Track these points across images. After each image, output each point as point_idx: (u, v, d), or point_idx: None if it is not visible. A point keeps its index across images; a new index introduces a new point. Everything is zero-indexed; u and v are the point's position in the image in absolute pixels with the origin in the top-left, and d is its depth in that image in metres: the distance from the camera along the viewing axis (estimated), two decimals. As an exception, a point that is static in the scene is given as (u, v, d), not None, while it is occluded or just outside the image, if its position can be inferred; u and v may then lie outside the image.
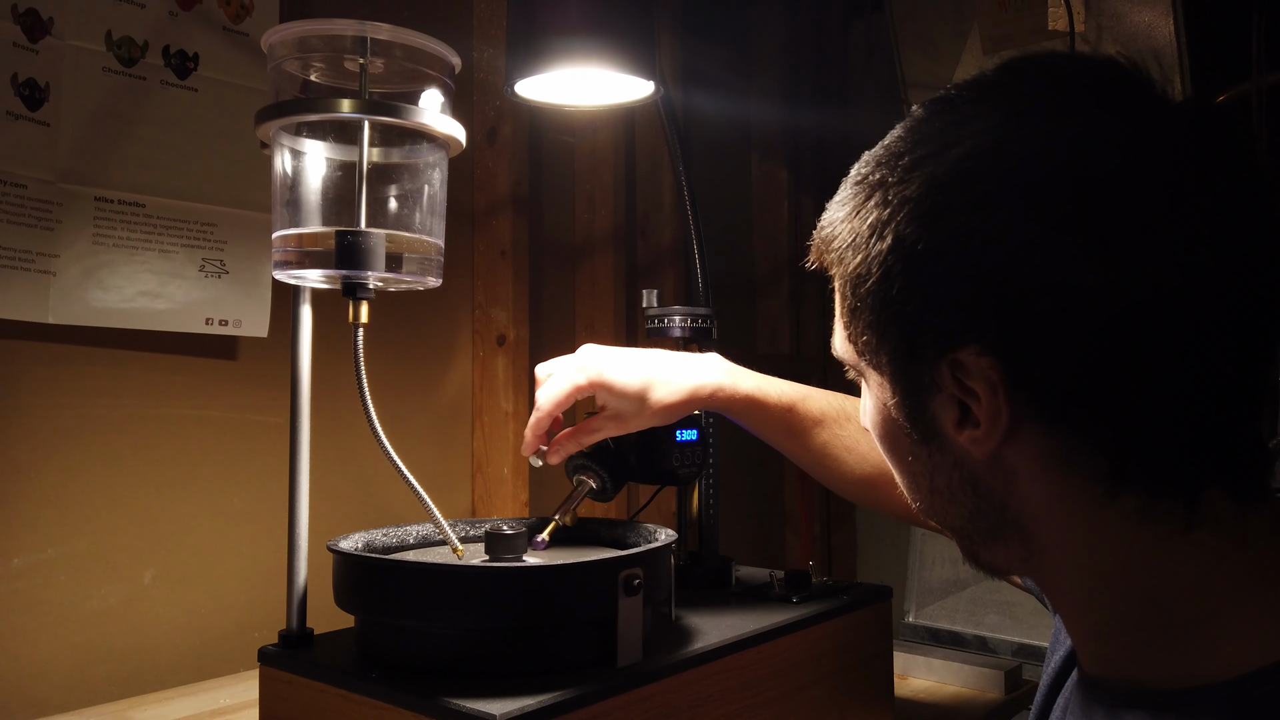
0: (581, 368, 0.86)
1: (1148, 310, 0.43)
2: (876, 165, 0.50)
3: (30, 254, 1.00)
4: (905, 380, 0.50)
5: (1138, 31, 1.45)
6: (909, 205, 0.47)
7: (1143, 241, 0.43)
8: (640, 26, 0.79)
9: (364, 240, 0.66)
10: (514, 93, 0.86)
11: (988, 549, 0.53)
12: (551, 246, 1.61)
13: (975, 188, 0.45)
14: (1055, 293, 0.43)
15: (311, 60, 0.70)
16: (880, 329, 0.50)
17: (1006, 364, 0.45)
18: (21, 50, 1.00)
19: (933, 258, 0.46)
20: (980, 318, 0.45)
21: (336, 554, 0.73)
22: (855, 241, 0.50)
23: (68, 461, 1.05)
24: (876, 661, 0.95)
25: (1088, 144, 0.44)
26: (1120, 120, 0.45)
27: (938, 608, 1.55)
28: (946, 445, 0.50)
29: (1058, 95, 0.46)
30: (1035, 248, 0.43)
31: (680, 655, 0.72)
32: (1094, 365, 0.44)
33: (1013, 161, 0.45)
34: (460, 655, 0.67)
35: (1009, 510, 0.49)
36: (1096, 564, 0.48)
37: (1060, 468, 0.46)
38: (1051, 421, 0.46)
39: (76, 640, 1.05)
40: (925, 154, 0.47)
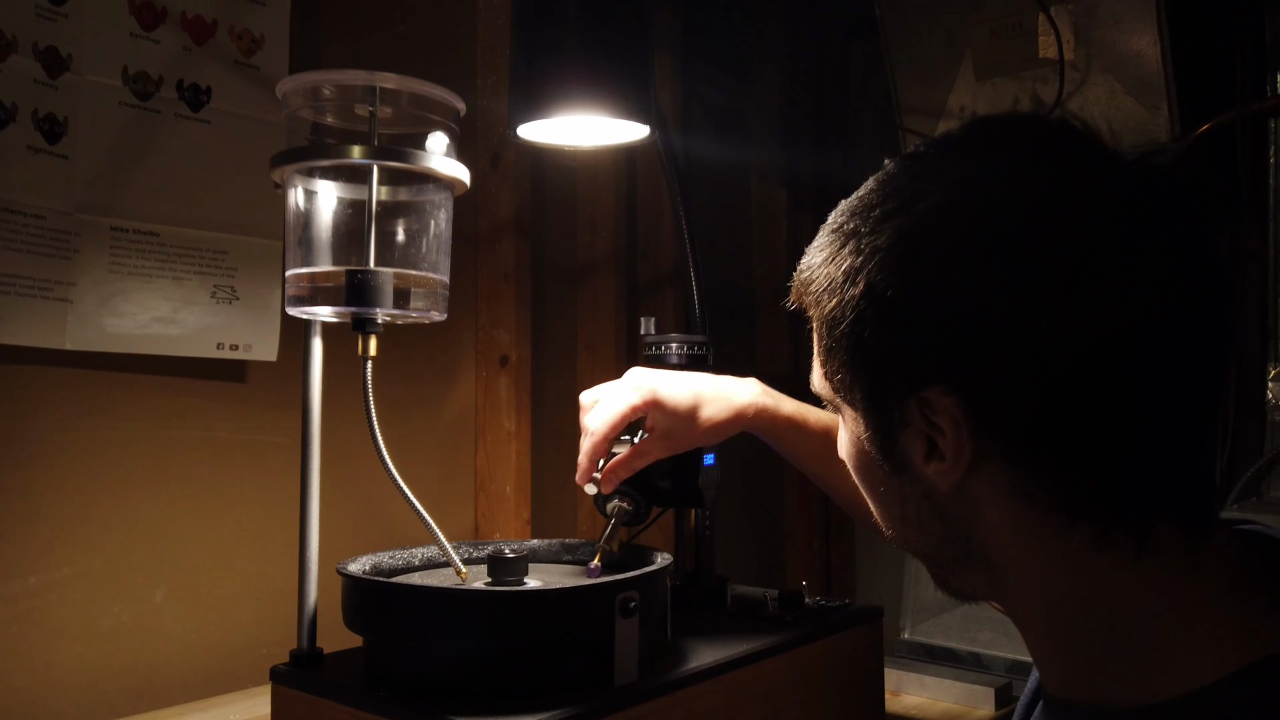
0: (636, 387, 0.88)
1: (1099, 356, 0.46)
2: (850, 215, 0.54)
3: (49, 282, 1.04)
4: (877, 416, 0.53)
5: (1126, 60, 1.48)
6: (879, 254, 0.50)
7: (1094, 293, 0.46)
8: (636, 73, 0.83)
9: (373, 278, 0.69)
10: (516, 135, 0.90)
11: (955, 575, 0.56)
12: (553, 269, 1.65)
13: (940, 240, 0.48)
14: (1013, 339, 0.47)
15: (323, 106, 0.73)
16: (853, 368, 0.53)
17: (969, 403, 0.48)
18: (42, 86, 1.03)
19: (901, 304, 0.49)
20: (945, 360, 0.48)
21: (345, 577, 0.76)
22: (830, 286, 0.53)
23: (82, 483, 1.08)
24: (868, 680, 0.98)
25: (1044, 202, 0.48)
26: (1073, 180, 0.48)
27: (933, 624, 1.57)
28: (915, 477, 0.53)
29: (1018, 156, 0.50)
30: (994, 298, 0.47)
31: (675, 675, 0.74)
32: (1050, 406, 0.47)
33: (975, 217, 0.48)
34: (464, 675, 0.70)
35: (973, 539, 0.52)
36: (1054, 591, 0.51)
37: (1020, 500, 0.49)
38: (1012, 457, 0.49)
39: (90, 656, 1.08)
40: (895, 206, 0.51)
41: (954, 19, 1.63)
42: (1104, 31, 1.49)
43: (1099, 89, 1.52)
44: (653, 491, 0.94)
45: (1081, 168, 0.49)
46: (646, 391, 0.88)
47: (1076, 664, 0.52)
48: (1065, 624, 0.51)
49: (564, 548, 0.93)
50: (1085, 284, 0.46)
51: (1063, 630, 0.52)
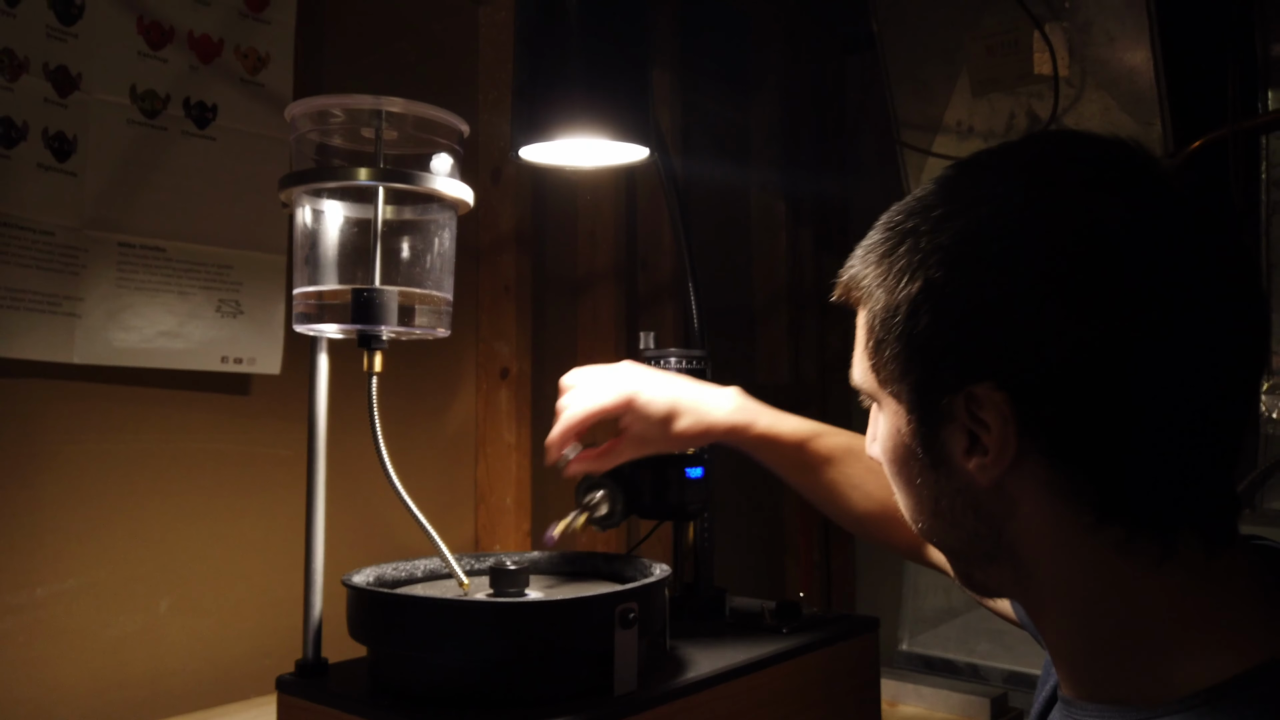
0: (617, 389, 0.91)
1: (1143, 368, 0.49)
2: (909, 215, 0.55)
3: (57, 297, 1.05)
4: (922, 409, 0.55)
5: (1119, 77, 1.50)
6: (940, 253, 0.52)
7: (1143, 309, 0.49)
8: (636, 96, 0.85)
9: (378, 296, 0.71)
10: (518, 156, 0.91)
11: (982, 570, 0.58)
12: (554, 281, 1.66)
13: (1000, 243, 0.51)
14: (1063, 344, 0.49)
15: (330, 129, 0.75)
16: (904, 361, 0.55)
17: (1017, 401, 0.50)
18: (52, 105, 1.05)
19: (957, 301, 0.51)
20: (996, 358, 0.51)
21: (350, 588, 0.77)
22: (886, 281, 0.55)
23: (89, 495, 1.10)
24: (864, 690, 0.99)
25: (1099, 217, 0.50)
26: (1125, 199, 0.51)
27: (931, 635, 1.59)
28: (953, 471, 0.54)
29: (1076, 170, 0.52)
30: (1047, 303, 0.49)
31: (673, 685, 0.76)
32: (1093, 410, 0.49)
33: (1034, 225, 0.51)
34: (467, 684, 0.71)
35: (1004, 536, 0.54)
36: (1078, 590, 0.53)
37: (1056, 498, 0.51)
38: (1052, 455, 0.51)
39: (96, 666, 1.09)
40: (956, 208, 0.53)
41: (950, 36, 1.65)
42: (1098, 48, 1.51)
43: (1093, 105, 1.54)
44: (633, 500, 0.96)
45: (1135, 190, 0.51)
46: (625, 395, 0.90)
47: (1095, 664, 0.54)
48: (1087, 623, 0.53)
49: (564, 559, 0.94)
50: (1133, 301, 0.49)
51: (1084, 630, 0.54)
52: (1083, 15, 1.50)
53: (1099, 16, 1.49)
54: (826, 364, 2.21)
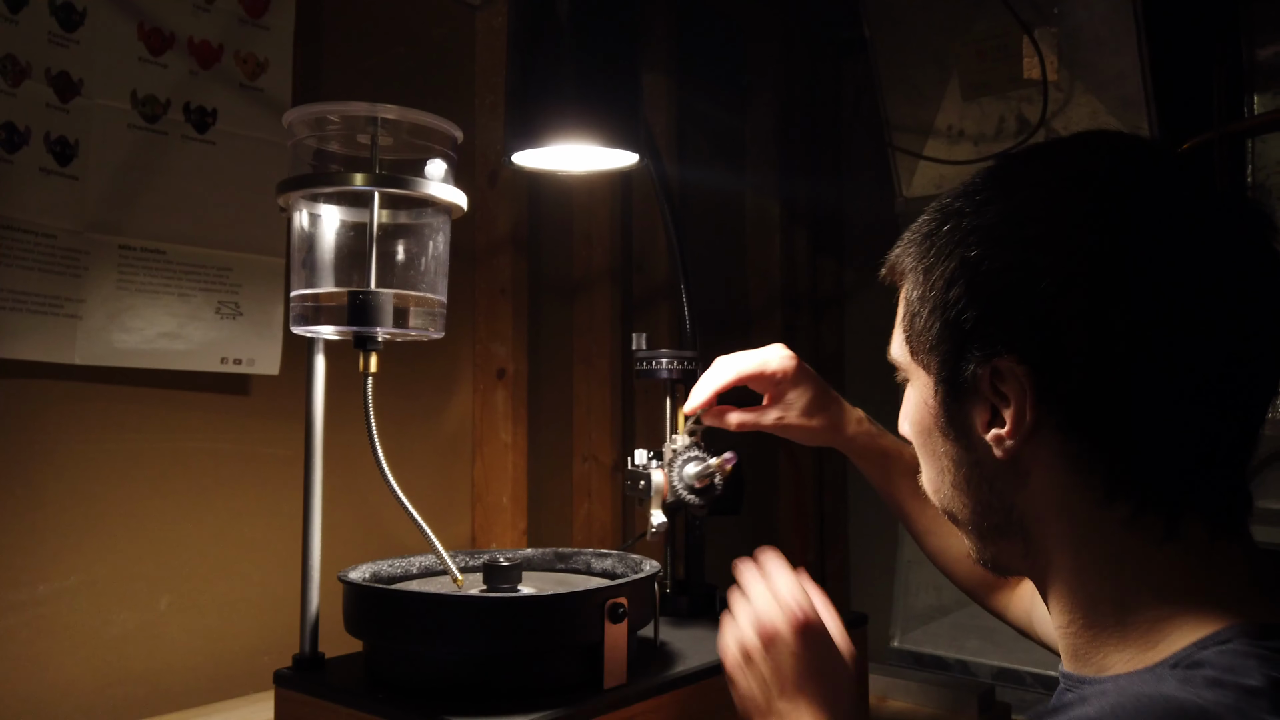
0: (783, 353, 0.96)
1: (1158, 355, 0.52)
2: (955, 198, 0.59)
3: (59, 299, 1.07)
4: (949, 380, 0.58)
5: (1108, 81, 1.52)
6: (978, 233, 0.56)
7: (1163, 299, 0.52)
8: (627, 104, 0.87)
9: (374, 299, 0.73)
10: (511, 162, 0.93)
11: (994, 544, 0.61)
12: (550, 282, 1.68)
13: (1035, 226, 0.54)
14: (1086, 324, 0.52)
15: (327, 135, 0.77)
16: (936, 333, 0.58)
17: (1038, 374, 0.54)
18: (54, 110, 1.07)
19: (990, 278, 0.55)
20: (1022, 333, 0.54)
21: (346, 584, 0.79)
22: (926, 258, 0.59)
23: (90, 493, 1.11)
24: (852, 684, 1.01)
25: (1129, 211, 0.53)
26: (1157, 196, 0.54)
27: (921, 632, 1.60)
28: (973, 444, 0.58)
29: (1116, 166, 0.56)
30: (1075, 286, 0.52)
31: (662, 678, 0.78)
32: (1110, 389, 0.53)
33: (1070, 212, 0.54)
34: (460, 678, 0.73)
35: (1015, 510, 0.58)
36: (1083, 562, 0.56)
37: (1068, 472, 0.55)
38: (1067, 430, 0.54)
39: (97, 663, 1.11)
40: (999, 193, 0.57)
41: (941, 40, 1.67)
42: (1086, 53, 1.53)
43: (1082, 109, 1.56)
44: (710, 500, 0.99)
45: (1173, 192, 0.54)
46: (794, 358, 0.95)
47: (1094, 635, 0.56)
48: (1088, 595, 0.56)
49: (557, 556, 0.96)
50: (1157, 293, 0.52)
51: (1085, 601, 0.56)
52: (1071, 20, 1.52)
53: (1087, 22, 1.51)
54: (821, 365, 2.23)
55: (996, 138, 1.64)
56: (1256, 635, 0.49)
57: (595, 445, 1.69)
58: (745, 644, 0.72)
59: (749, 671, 0.71)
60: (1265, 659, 0.48)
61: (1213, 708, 0.45)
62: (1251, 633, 0.50)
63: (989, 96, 1.64)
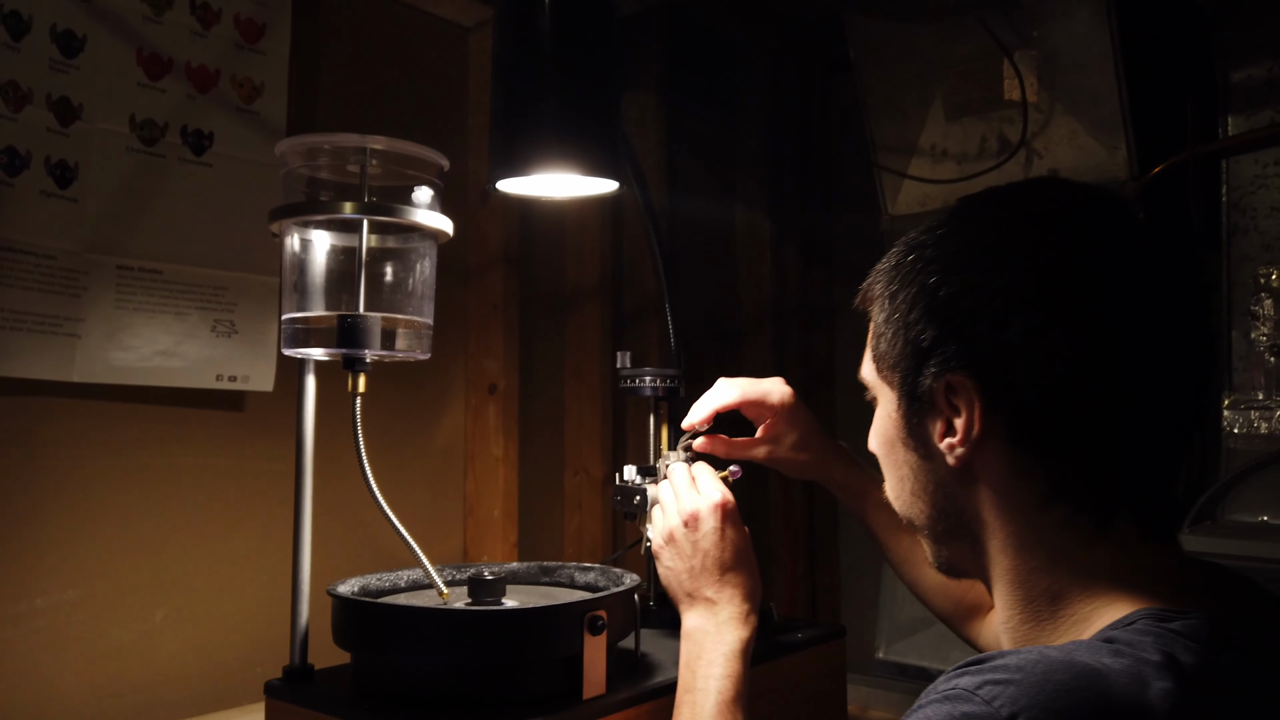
0: (783, 387, 1.00)
1: (1097, 373, 0.57)
2: (920, 233, 0.66)
3: (58, 318, 1.10)
4: (909, 394, 0.64)
5: (1086, 103, 1.55)
6: (938, 261, 0.62)
7: (1101, 326, 0.57)
8: (606, 133, 0.90)
9: (362, 322, 0.75)
10: (496, 189, 0.96)
11: (948, 546, 0.67)
12: (541, 299, 1.71)
13: (987, 256, 0.61)
14: (1030, 344, 0.58)
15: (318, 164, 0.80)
16: (900, 351, 0.64)
17: (985, 389, 0.59)
18: (54, 134, 1.10)
19: (947, 302, 0.61)
20: (972, 351, 0.60)
21: (335, 598, 0.81)
22: (891, 285, 0.65)
23: (88, 508, 1.14)
24: (830, 696, 1.03)
25: (1071, 247, 0.60)
26: (1098, 236, 0.60)
27: (907, 644, 1.62)
28: (930, 452, 0.64)
29: (1063, 209, 0.62)
30: (1018, 310, 0.58)
31: (641, 689, 0.80)
32: (1050, 402, 0.58)
33: (1017, 245, 0.60)
34: (444, 688, 0.76)
35: (965, 513, 0.64)
36: (1022, 562, 0.61)
37: (1012, 476, 0.60)
38: (1013, 439, 0.60)
39: (93, 674, 1.13)
40: (958, 228, 0.63)
41: (925, 62, 1.70)
42: (1064, 75, 1.56)
43: (1062, 130, 1.59)
44: None
45: (1106, 228, 0.61)
46: (790, 395, 0.99)
47: (1030, 627, 0.61)
48: (1027, 591, 0.61)
49: (541, 569, 0.99)
50: (1094, 319, 0.58)
51: (1025, 596, 0.61)
52: (1050, 43, 1.55)
53: (1065, 44, 1.54)
54: (811, 379, 2.25)
55: (979, 157, 1.68)
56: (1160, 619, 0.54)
57: (586, 459, 1.71)
58: (670, 526, 0.85)
59: (673, 550, 0.85)
60: (1161, 636, 0.52)
61: (1107, 671, 0.50)
62: (1156, 616, 0.55)
63: (971, 117, 1.67)
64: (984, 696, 0.49)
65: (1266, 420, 1.51)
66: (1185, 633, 0.53)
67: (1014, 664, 0.50)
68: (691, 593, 0.84)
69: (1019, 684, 0.49)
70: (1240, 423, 1.53)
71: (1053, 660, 0.50)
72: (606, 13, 0.93)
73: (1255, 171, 1.56)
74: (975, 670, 0.51)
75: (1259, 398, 1.53)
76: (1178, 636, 0.52)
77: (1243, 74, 1.58)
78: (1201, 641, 0.52)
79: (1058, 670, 0.50)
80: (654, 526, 0.89)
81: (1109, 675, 0.50)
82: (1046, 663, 0.50)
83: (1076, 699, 0.48)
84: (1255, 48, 1.57)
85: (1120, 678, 0.49)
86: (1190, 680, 0.50)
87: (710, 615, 0.82)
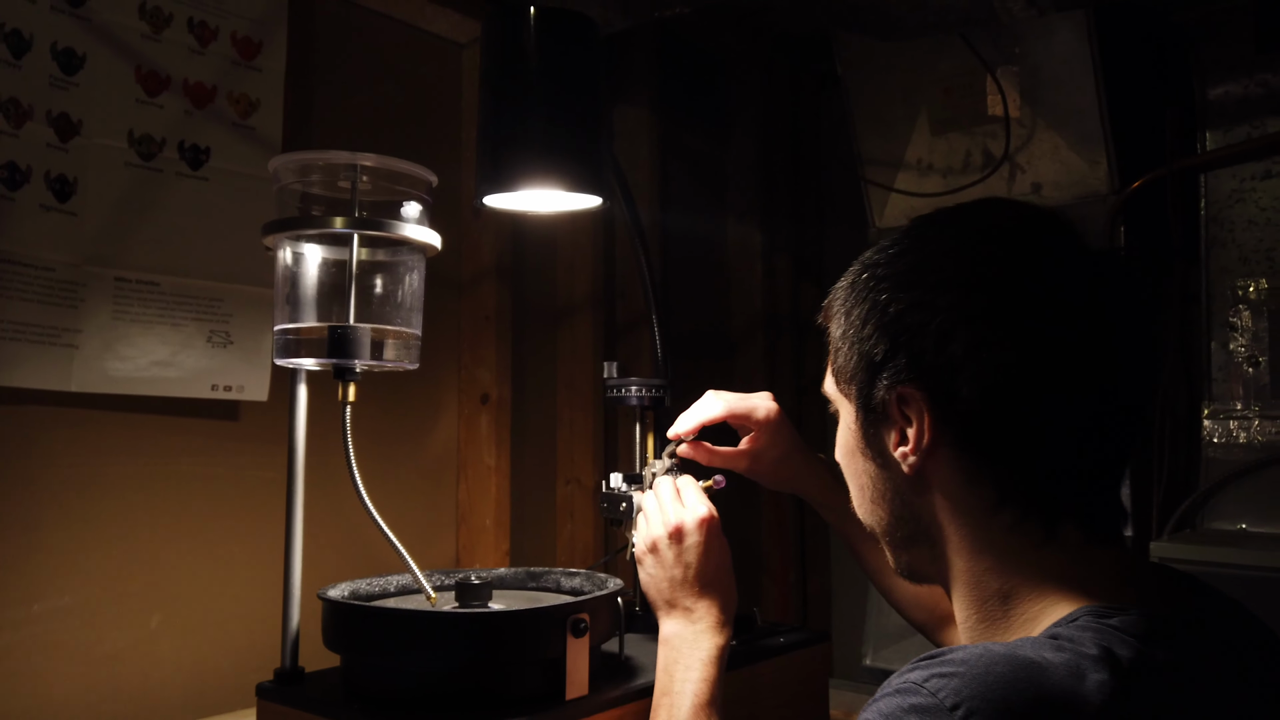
0: (769, 402, 1.02)
1: (1034, 387, 0.60)
2: (876, 253, 0.69)
3: (56, 329, 1.12)
4: (865, 406, 0.67)
5: (1068, 118, 1.58)
6: (890, 279, 0.65)
7: (1037, 340, 0.60)
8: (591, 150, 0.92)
9: (352, 333, 0.78)
10: (482, 204, 0.99)
11: (907, 552, 0.69)
12: (534, 310, 1.73)
13: (933, 276, 0.63)
14: (976, 358, 0.61)
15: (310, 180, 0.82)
16: (855, 367, 0.67)
17: (935, 400, 0.62)
18: (54, 150, 1.12)
19: (898, 317, 0.64)
20: (921, 364, 0.62)
21: (325, 601, 0.84)
22: (847, 302, 0.68)
23: (84, 515, 1.16)
24: (813, 700, 1.05)
25: (1015, 264, 0.63)
26: (1035, 253, 0.64)
27: (893, 651, 1.64)
28: (887, 463, 0.67)
29: (1006, 227, 0.65)
30: (965, 325, 0.61)
31: (623, 690, 0.82)
32: (996, 412, 0.61)
33: (961, 264, 0.63)
34: (430, 689, 0.78)
35: (922, 520, 0.66)
36: (976, 565, 0.64)
37: (964, 483, 0.63)
38: (962, 446, 0.63)
39: (89, 680, 1.15)
40: (910, 247, 0.66)
41: (910, 78, 1.73)
42: (1046, 92, 1.59)
43: (1044, 144, 1.62)
44: None
45: (1051, 249, 0.64)
46: (775, 410, 1.01)
47: (985, 627, 0.64)
48: (980, 592, 0.64)
49: (529, 575, 1.01)
50: (1036, 334, 0.60)
51: (979, 598, 0.64)
52: (1032, 60, 1.59)
53: (1047, 61, 1.57)
54: (802, 388, 2.28)
55: (964, 171, 1.71)
56: (1100, 615, 0.57)
57: (578, 468, 1.73)
58: (654, 536, 0.88)
59: (655, 559, 0.87)
60: (1101, 631, 0.55)
61: (1046, 664, 0.52)
62: (1097, 613, 0.57)
63: (956, 132, 1.70)
64: (930, 689, 0.51)
65: (1245, 430, 1.54)
66: (1123, 628, 0.55)
67: (959, 658, 0.53)
68: (671, 601, 0.86)
69: (962, 676, 0.51)
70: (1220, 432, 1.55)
71: (995, 654, 0.53)
72: (590, 32, 0.96)
73: (1233, 186, 1.59)
74: (925, 665, 0.54)
75: (1237, 408, 1.55)
76: (1115, 631, 0.55)
77: (1220, 90, 1.61)
78: (1138, 636, 0.55)
79: (999, 663, 0.52)
80: (638, 534, 0.91)
81: (1048, 668, 0.52)
82: (990, 657, 0.53)
83: (1016, 690, 0.51)
84: (1232, 65, 1.60)
85: (1059, 670, 0.52)
86: (1125, 672, 0.53)
87: (688, 623, 0.85)
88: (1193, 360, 1.62)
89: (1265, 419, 1.52)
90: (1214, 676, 0.58)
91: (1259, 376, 1.53)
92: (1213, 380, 1.58)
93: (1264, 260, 1.55)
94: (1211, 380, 1.58)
